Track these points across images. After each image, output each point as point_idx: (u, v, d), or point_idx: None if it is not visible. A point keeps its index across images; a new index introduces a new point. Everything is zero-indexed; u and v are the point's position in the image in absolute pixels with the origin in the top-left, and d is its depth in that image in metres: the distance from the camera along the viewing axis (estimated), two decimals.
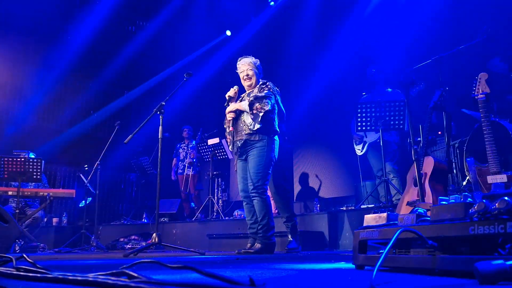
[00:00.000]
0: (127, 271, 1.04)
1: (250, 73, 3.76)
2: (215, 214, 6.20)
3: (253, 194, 3.54)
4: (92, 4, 8.16)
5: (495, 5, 4.99)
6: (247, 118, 3.59)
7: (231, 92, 3.79)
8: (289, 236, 3.89)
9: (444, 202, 1.31)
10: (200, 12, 8.51)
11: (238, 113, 3.68)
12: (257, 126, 3.52)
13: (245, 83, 3.83)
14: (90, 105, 8.71)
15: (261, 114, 3.52)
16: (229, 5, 8.38)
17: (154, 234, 3.63)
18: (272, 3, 8.07)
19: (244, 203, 3.76)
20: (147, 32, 8.93)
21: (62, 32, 7.99)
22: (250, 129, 3.56)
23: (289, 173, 6.34)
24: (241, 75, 3.86)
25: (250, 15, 8.34)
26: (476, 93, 3.31)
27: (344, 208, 4.78)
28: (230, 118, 3.66)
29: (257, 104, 3.55)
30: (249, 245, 3.63)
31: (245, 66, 3.79)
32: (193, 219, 6.22)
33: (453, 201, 1.26)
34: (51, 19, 7.66)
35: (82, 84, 8.62)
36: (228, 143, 3.89)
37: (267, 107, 3.54)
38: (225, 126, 3.86)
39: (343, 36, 6.69)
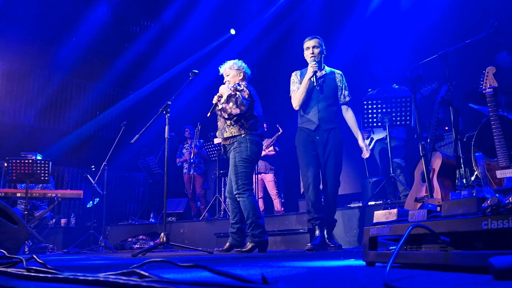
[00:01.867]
0: (137, 271, 1.04)
1: (228, 78, 3.94)
2: (222, 213, 6.20)
3: (236, 195, 3.61)
4: (96, 5, 8.19)
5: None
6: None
7: (215, 100, 3.81)
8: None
9: (455, 197, 1.29)
10: (204, 11, 8.50)
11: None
12: (232, 128, 3.69)
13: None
14: (96, 106, 8.76)
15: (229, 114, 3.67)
16: (233, 5, 8.37)
17: (162, 234, 3.63)
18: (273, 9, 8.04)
19: (229, 204, 3.83)
20: (152, 32, 8.96)
21: (67, 33, 8.03)
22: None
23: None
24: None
25: (255, 14, 8.32)
26: (483, 87, 3.27)
27: (352, 205, 4.76)
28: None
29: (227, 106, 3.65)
30: (227, 244, 3.68)
31: (226, 71, 3.98)
32: (200, 218, 6.22)
33: (465, 195, 1.25)
34: (56, 21, 7.71)
35: (87, 85, 8.66)
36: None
37: (235, 110, 3.59)
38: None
39: (348, 32, 6.66)
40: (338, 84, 3.71)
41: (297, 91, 3.69)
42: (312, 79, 3.64)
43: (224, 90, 3.71)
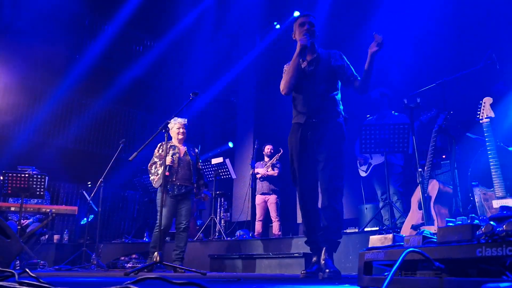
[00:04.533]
0: (131, 287, 1.04)
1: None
2: (217, 234, 6.16)
3: None
4: (101, 23, 8.34)
5: (498, 31, 5.06)
6: None
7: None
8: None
9: (450, 224, 1.30)
10: (206, 33, 8.65)
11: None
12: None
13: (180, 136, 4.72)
14: (95, 123, 8.79)
15: None
16: (235, 27, 8.53)
17: (156, 253, 3.60)
18: (277, 26, 8.20)
19: None
20: (154, 52, 9.09)
21: (70, 50, 8.14)
22: None
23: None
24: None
25: (256, 37, 8.47)
26: (480, 117, 3.32)
27: (348, 231, 4.74)
28: None
29: None
30: None
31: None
32: (195, 238, 6.17)
33: (460, 222, 1.26)
34: (60, 38, 7.82)
35: (88, 102, 8.72)
36: None
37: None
38: None
39: (348, 57, 6.76)
40: (334, 63, 3.07)
41: None
42: (302, 62, 3.05)
43: None
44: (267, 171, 6.64)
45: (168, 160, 4.54)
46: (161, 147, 4.76)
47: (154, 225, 4.73)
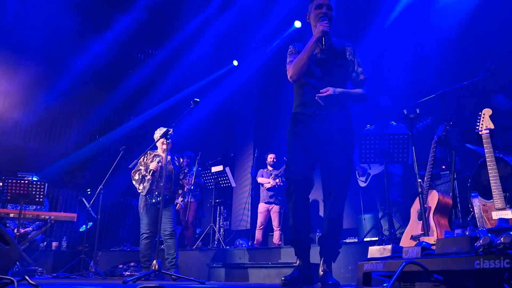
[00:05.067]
0: None
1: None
2: (216, 243, 6.14)
3: None
4: (103, 30, 8.38)
5: (498, 43, 5.09)
6: None
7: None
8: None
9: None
10: (207, 42, 8.70)
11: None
12: None
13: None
14: (96, 130, 8.81)
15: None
16: (237, 36, 8.58)
17: (154, 261, 3.60)
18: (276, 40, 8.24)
19: None
20: (156, 59, 9.13)
21: (71, 57, 8.18)
22: None
23: None
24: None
25: (259, 45, 8.51)
26: (480, 129, 3.33)
27: (347, 241, 4.73)
28: None
29: None
30: None
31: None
32: (194, 247, 6.15)
33: (458, 234, 1.26)
34: (61, 44, 7.86)
35: (89, 109, 8.74)
36: None
37: None
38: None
39: None
40: (348, 57, 2.84)
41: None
42: (319, 45, 2.73)
43: None
44: (276, 181, 6.64)
45: (153, 165, 4.71)
46: (146, 155, 4.83)
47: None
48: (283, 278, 2.55)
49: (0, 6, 7.18)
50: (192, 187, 6.96)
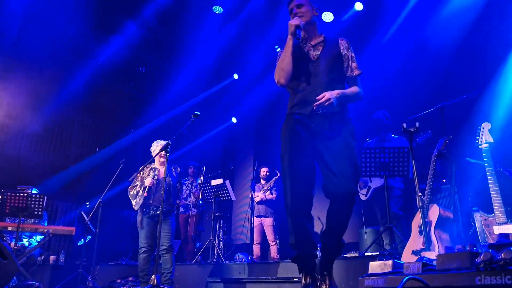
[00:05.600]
0: None
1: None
2: (215, 257, 6.09)
3: None
4: (106, 44, 8.45)
5: (498, 57, 5.14)
6: None
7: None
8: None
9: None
10: (209, 56, 8.78)
11: None
12: None
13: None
14: (96, 142, 8.81)
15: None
16: (236, 50, 8.66)
17: (153, 276, 3.56)
18: (278, 49, 8.31)
19: None
20: (157, 73, 9.19)
21: (74, 70, 8.22)
22: None
23: None
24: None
25: (258, 59, 8.58)
26: (480, 143, 3.35)
27: (348, 255, 4.69)
28: None
29: None
30: None
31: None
32: (193, 261, 6.10)
33: (459, 249, 1.26)
34: (63, 57, 7.92)
35: (90, 121, 8.76)
36: None
37: None
38: None
39: None
40: (342, 52, 2.70)
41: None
42: (305, 46, 2.70)
43: None
44: (265, 195, 6.64)
45: (148, 181, 4.66)
46: (143, 170, 4.83)
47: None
48: None
49: (5, 16, 7.24)
50: (200, 202, 6.93)
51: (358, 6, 6.98)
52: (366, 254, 4.42)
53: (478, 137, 3.35)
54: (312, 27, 2.75)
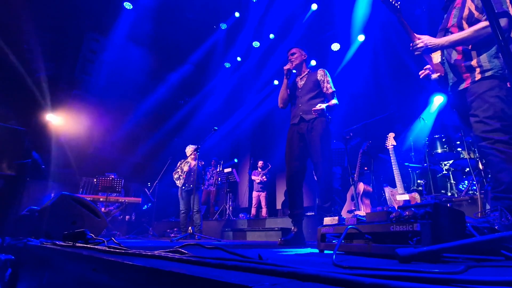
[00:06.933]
0: (180, 250, 1.02)
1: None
2: (227, 216, 6.04)
3: None
4: (159, 81, 8.39)
5: (398, 92, 5.17)
6: None
7: None
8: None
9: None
10: (222, 93, 8.72)
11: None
12: None
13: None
14: (154, 146, 8.71)
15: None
16: (239, 89, 8.59)
17: (190, 228, 3.52)
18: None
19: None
20: (190, 103, 9.13)
21: (140, 99, 8.14)
22: None
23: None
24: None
25: (253, 95, 8.49)
26: (387, 145, 3.36)
27: (308, 214, 4.68)
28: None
29: None
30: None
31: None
32: (213, 218, 6.04)
33: (380, 210, 1.26)
34: (134, 88, 7.84)
35: (149, 134, 8.67)
36: None
37: None
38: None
39: None
40: (319, 78, 2.59)
41: None
42: (286, 77, 2.62)
43: None
44: (261, 178, 6.61)
45: (186, 168, 4.66)
46: (181, 162, 4.84)
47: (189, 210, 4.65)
48: (280, 239, 2.26)
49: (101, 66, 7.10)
50: (219, 182, 6.86)
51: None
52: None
53: (386, 142, 3.37)
54: (300, 66, 2.67)
